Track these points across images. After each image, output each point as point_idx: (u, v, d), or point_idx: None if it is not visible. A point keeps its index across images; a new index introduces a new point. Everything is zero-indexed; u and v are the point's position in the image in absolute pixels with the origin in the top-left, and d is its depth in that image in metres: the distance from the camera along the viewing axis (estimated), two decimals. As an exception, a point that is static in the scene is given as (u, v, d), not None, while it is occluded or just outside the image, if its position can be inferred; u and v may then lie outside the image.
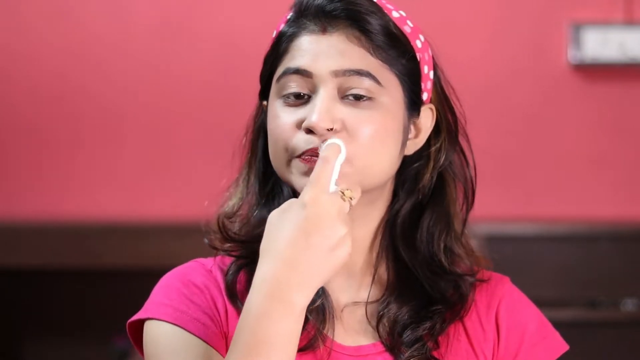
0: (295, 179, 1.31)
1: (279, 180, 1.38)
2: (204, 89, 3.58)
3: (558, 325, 1.44)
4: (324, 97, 1.29)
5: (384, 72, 1.32)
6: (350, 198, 1.23)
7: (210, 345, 1.30)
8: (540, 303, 1.47)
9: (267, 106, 1.37)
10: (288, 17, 1.36)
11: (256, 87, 1.40)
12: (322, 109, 1.28)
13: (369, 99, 1.30)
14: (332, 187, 1.22)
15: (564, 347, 1.40)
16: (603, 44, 3.51)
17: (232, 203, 1.41)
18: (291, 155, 1.30)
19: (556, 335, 1.41)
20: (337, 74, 1.30)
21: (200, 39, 3.57)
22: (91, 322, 3.63)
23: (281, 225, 1.19)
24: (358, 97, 1.30)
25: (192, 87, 3.58)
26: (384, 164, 1.33)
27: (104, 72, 3.59)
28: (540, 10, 3.58)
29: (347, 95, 1.30)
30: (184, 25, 3.58)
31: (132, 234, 3.38)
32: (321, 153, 1.25)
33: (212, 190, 1.44)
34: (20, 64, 3.59)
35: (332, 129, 1.28)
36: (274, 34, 1.37)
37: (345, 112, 1.30)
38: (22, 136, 3.59)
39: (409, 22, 1.36)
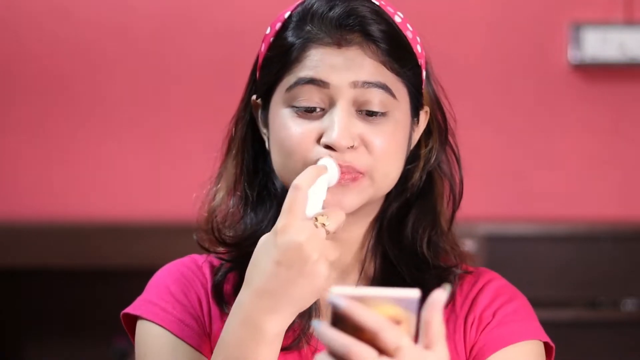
0: None
1: (270, 180, 1.39)
2: (205, 89, 3.57)
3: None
4: (343, 114, 1.29)
5: (397, 84, 1.32)
6: (324, 224, 1.21)
7: (194, 348, 1.33)
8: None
9: (260, 105, 1.37)
10: (289, 16, 1.34)
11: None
12: (342, 126, 1.28)
13: (383, 113, 1.30)
14: (314, 211, 1.22)
15: (542, 337, 1.36)
16: (603, 44, 3.51)
17: (217, 203, 1.40)
18: None
19: (536, 325, 1.37)
20: (355, 84, 1.29)
21: (201, 39, 3.57)
22: (91, 322, 3.63)
23: (259, 253, 1.21)
24: (373, 114, 1.30)
25: (193, 86, 3.58)
26: (395, 173, 1.34)
27: (104, 72, 3.59)
28: (540, 10, 3.57)
29: (361, 110, 1.30)
30: (185, 25, 3.58)
31: (132, 234, 3.38)
32: (294, 180, 1.23)
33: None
34: (21, 63, 3.58)
35: (352, 147, 1.29)
36: (268, 30, 1.36)
37: (362, 127, 1.30)
38: (22, 136, 3.59)
39: (408, 25, 1.36)
